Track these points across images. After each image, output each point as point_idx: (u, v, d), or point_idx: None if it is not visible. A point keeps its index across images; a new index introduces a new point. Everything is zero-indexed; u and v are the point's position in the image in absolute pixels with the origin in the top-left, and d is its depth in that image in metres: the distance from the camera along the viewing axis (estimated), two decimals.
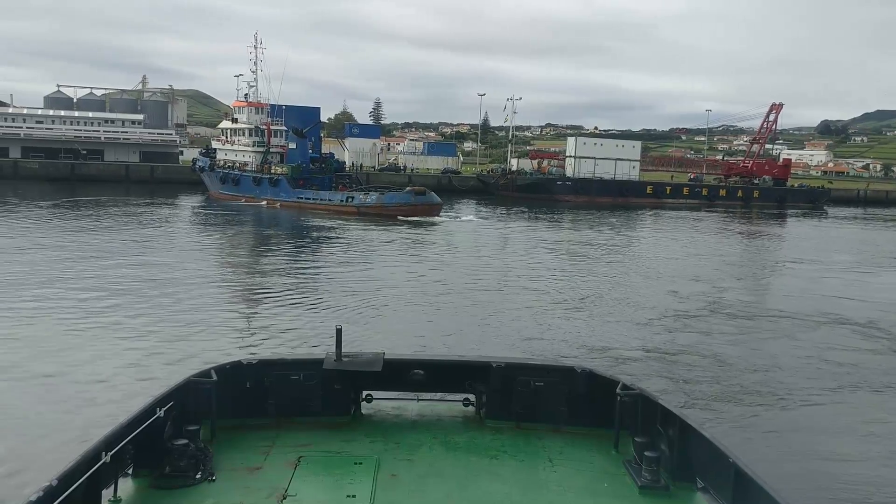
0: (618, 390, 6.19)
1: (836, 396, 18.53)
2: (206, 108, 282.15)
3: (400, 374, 6.77)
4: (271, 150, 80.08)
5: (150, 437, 5.20)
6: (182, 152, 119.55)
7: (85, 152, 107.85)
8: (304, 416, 6.48)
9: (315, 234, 51.89)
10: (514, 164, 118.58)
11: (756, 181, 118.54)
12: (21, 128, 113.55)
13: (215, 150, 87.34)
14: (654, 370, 19.46)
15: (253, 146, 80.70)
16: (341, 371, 6.39)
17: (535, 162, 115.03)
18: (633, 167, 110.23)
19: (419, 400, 7.10)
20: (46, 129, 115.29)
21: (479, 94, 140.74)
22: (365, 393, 6.87)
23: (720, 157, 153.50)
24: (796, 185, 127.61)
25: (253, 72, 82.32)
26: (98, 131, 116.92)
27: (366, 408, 6.89)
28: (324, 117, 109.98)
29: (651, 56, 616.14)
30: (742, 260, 47.63)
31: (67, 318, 22.83)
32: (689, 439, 5.48)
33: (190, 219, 62.26)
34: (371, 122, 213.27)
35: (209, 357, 17.44)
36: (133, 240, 43.81)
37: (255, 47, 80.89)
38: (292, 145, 76.98)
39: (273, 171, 75.83)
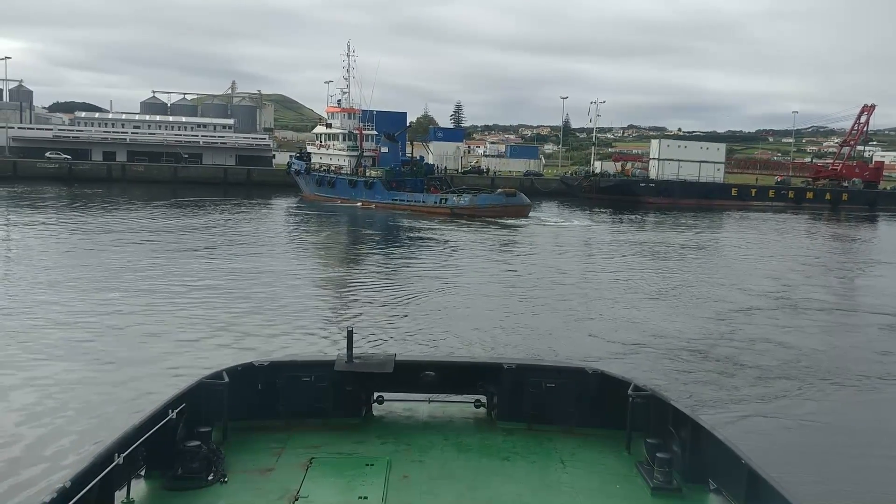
0: (629, 391, 6.22)
1: (864, 397, 18.63)
2: (290, 112, 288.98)
3: (411, 375, 6.80)
4: (364, 153, 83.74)
5: (162, 439, 5.25)
6: (274, 156, 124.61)
7: (186, 156, 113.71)
8: (316, 417, 6.52)
9: (410, 234, 54.45)
10: (597, 166, 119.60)
11: (845, 184, 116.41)
12: (127, 133, 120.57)
13: (310, 153, 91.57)
14: (674, 368, 19.78)
15: (347, 150, 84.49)
16: (353, 373, 6.45)
17: (618, 164, 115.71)
18: (718, 169, 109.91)
19: (430, 401, 7.12)
20: (150, 133, 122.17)
21: (561, 98, 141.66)
22: (376, 394, 6.91)
23: (808, 160, 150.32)
24: (888, 188, 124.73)
25: (346, 78, 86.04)
26: (197, 136, 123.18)
27: (377, 409, 6.92)
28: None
29: (736, 55, 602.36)
30: (824, 261, 48.04)
31: (160, 307, 24.83)
32: (702, 440, 5.48)
33: (293, 218, 66.37)
34: (452, 125, 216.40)
35: (298, 347, 19.80)
36: (244, 237, 47.48)
37: (348, 55, 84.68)
38: (385, 149, 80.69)
39: (368, 173, 79.37)
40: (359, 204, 76.06)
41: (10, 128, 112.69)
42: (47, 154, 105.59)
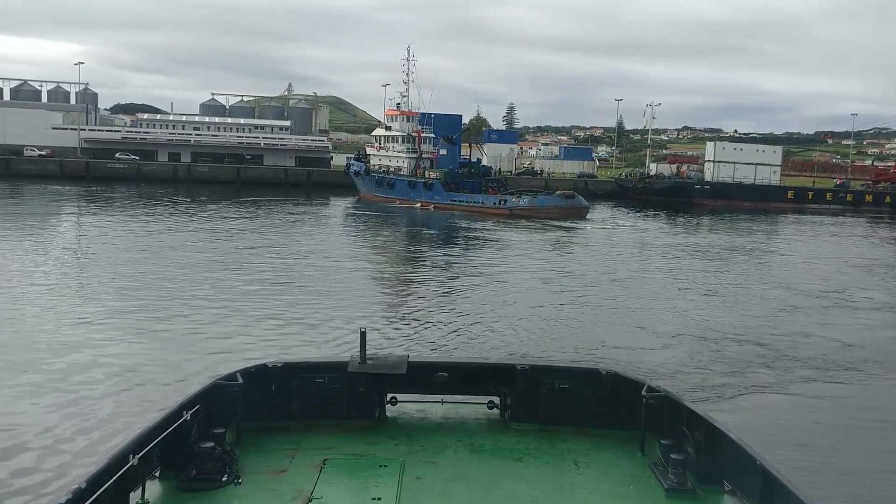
0: (643, 392, 6.22)
1: (889, 398, 18.93)
2: (343, 114, 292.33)
3: (424, 376, 6.81)
4: (423, 155, 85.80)
5: (176, 440, 5.29)
6: (332, 157, 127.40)
7: (249, 157, 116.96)
8: (329, 418, 6.56)
9: (469, 234, 56.07)
10: (651, 168, 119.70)
11: None
12: (191, 135, 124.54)
13: (368, 155, 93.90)
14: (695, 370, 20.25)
15: (406, 152, 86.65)
16: (366, 374, 6.47)
17: (673, 166, 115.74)
18: (774, 172, 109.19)
19: (444, 402, 7.13)
20: (212, 135, 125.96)
21: (615, 100, 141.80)
22: (389, 396, 6.92)
23: (868, 163, 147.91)
24: None
25: (405, 82, 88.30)
26: (258, 137, 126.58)
27: (390, 410, 6.93)
28: None
29: (795, 56, 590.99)
30: (884, 265, 48.20)
31: (206, 300, 26.46)
32: (716, 441, 5.47)
33: (353, 217, 68.75)
34: (505, 127, 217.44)
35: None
36: (309, 235, 49.74)
37: (408, 59, 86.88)
38: (443, 151, 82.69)
39: (427, 175, 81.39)
40: (417, 205, 77.86)
41: (81, 130, 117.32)
42: (117, 155, 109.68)
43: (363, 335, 6.56)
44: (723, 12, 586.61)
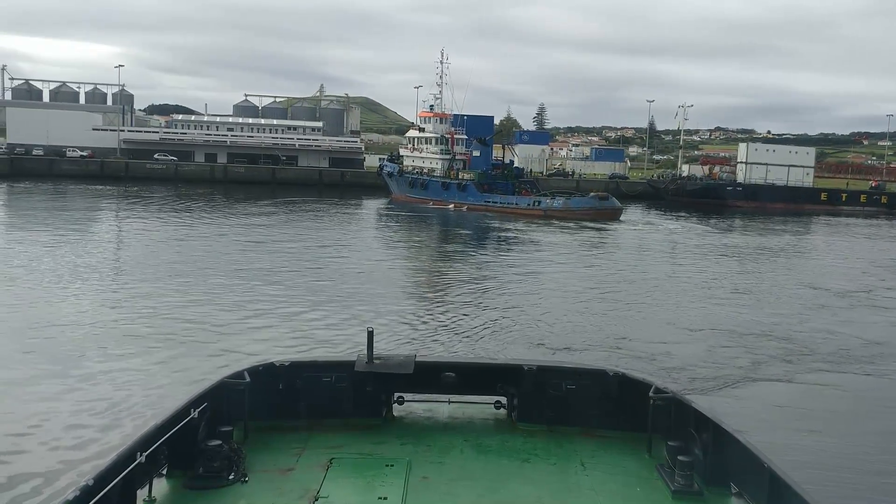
0: (650, 393, 6.20)
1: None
2: (374, 115, 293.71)
3: (431, 376, 6.80)
4: (456, 157, 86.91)
5: (184, 438, 5.31)
6: (365, 158, 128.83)
7: (284, 158, 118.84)
8: (336, 417, 6.56)
9: (504, 235, 56.69)
10: (684, 169, 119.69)
11: None
12: (227, 136, 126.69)
13: (401, 156, 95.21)
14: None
15: (439, 154, 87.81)
16: (373, 373, 6.47)
17: (705, 167, 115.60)
18: (807, 173, 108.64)
19: (451, 402, 7.11)
20: (248, 136, 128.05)
21: (647, 101, 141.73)
22: (396, 395, 6.93)
23: None
24: None
25: (438, 85, 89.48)
26: (292, 138, 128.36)
27: (397, 410, 6.95)
28: None
29: (829, 55, 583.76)
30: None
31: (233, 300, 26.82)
32: (723, 443, 5.45)
33: (387, 218, 69.84)
34: (535, 128, 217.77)
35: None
36: (348, 234, 50.93)
37: (441, 62, 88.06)
38: (476, 153, 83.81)
39: (461, 176, 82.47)
40: (451, 206, 78.77)
41: (121, 131, 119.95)
42: (156, 156, 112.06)
43: (370, 335, 6.57)
44: (754, 11, 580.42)
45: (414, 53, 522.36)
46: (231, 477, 5.38)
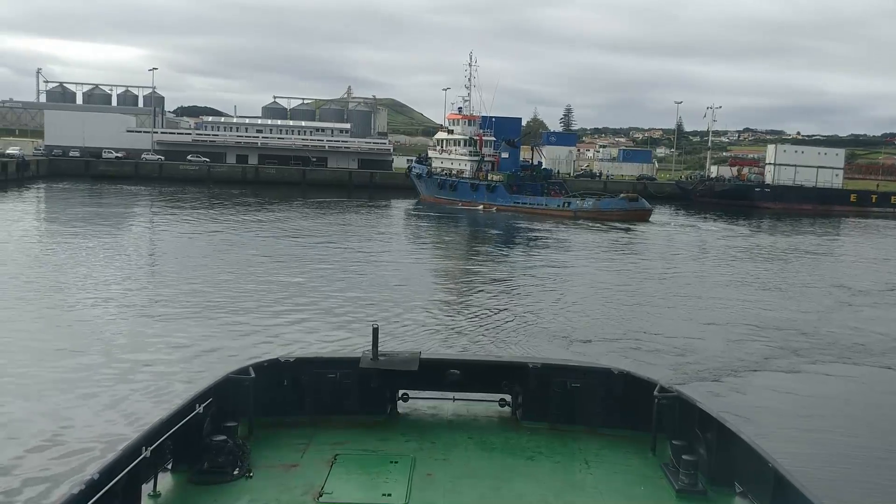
0: (655, 392, 6.19)
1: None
2: (401, 117, 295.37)
3: (436, 373, 6.83)
4: (485, 158, 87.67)
5: (189, 434, 5.34)
6: (393, 159, 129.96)
7: (315, 160, 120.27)
8: (341, 414, 6.58)
9: (534, 235, 57.33)
10: (713, 170, 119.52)
11: None
12: (258, 137, 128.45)
13: (430, 158, 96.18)
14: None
15: (468, 155, 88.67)
16: (378, 370, 6.51)
17: (734, 169, 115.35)
18: (836, 175, 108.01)
19: (455, 400, 7.12)
20: (279, 138, 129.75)
21: (675, 102, 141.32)
22: (401, 392, 6.94)
23: None
24: None
25: (467, 87, 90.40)
26: (322, 140, 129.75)
27: (402, 407, 6.95)
28: None
29: (860, 56, 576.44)
30: None
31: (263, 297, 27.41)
32: (728, 443, 5.45)
33: (418, 219, 70.67)
34: (562, 129, 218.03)
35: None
36: (382, 234, 51.91)
37: (470, 65, 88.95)
38: (505, 154, 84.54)
39: (490, 178, 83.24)
40: (480, 207, 79.44)
41: (154, 132, 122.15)
42: (189, 157, 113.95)
43: (375, 331, 6.60)
44: (783, 12, 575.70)
45: (440, 55, 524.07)
46: (236, 472, 5.41)
